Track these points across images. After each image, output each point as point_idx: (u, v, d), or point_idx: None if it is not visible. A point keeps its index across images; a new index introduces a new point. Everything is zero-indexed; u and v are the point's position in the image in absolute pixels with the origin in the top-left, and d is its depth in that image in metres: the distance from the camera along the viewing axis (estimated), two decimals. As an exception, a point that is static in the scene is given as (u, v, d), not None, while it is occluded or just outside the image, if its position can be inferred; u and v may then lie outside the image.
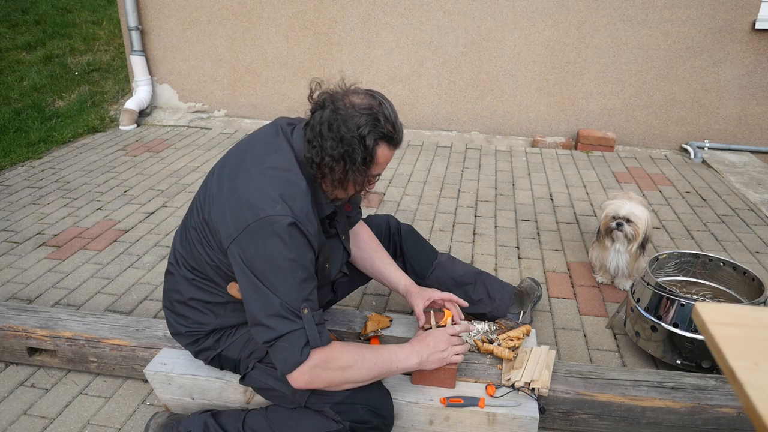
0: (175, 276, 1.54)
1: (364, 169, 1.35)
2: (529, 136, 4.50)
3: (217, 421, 1.54)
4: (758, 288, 1.92)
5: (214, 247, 1.39)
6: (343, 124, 1.30)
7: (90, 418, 1.78)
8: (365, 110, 1.31)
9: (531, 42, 4.22)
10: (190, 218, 1.49)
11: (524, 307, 2.04)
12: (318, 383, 1.33)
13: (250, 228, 1.28)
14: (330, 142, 1.31)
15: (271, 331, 1.27)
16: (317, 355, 1.29)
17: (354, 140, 1.30)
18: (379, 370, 1.40)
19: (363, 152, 1.32)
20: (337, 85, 1.39)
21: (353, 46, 4.48)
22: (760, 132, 4.18)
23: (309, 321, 1.28)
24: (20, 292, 2.44)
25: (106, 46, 6.16)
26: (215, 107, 4.94)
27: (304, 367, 1.28)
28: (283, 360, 1.28)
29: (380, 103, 1.34)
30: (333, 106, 1.33)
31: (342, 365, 1.33)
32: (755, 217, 3.15)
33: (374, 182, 1.46)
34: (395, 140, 1.37)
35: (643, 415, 1.62)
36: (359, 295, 2.38)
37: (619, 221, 2.25)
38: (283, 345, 1.28)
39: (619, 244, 2.30)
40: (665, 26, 4.00)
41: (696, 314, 0.76)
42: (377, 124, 1.31)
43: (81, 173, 3.77)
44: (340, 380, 1.35)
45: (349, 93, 1.36)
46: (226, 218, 1.33)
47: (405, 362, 1.44)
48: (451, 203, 3.33)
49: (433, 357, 1.48)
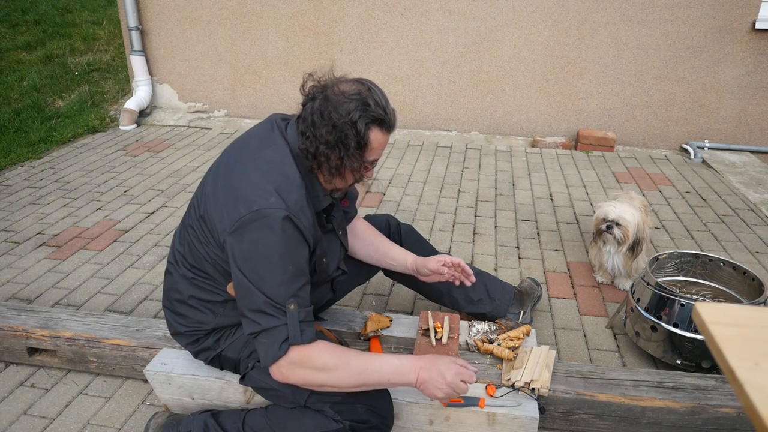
0: (174, 275, 1.55)
1: (359, 154, 1.36)
2: (529, 136, 4.50)
3: (217, 421, 1.54)
4: (758, 288, 1.92)
5: (212, 242, 1.40)
6: (334, 111, 1.31)
7: (90, 418, 1.78)
8: (354, 96, 1.33)
9: (531, 42, 4.22)
10: (188, 216, 1.51)
11: (524, 307, 2.04)
12: (294, 379, 1.33)
13: (244, 220, 1.29)
14: (323, 129, 1.32)
15: (254, 324, 1.30)
16: (296, 352, 1.30)
17: (346, 126, 1.31)
18: (363, 379, 1.35)
19: (356, 137, 1.32)
20: (326, 76, 1.40)
21: (353, 46, 4.48)
22: (760, 132, 4.18)
23: (293, 317, 1.29)
24: (20, 292, 2.44)
25: (106, 46, 6.16)
26: (215, 107, 4.94)
27: (281, 361, 1.29)
28: (263, 353, 1.31)
29: (369, 89, 1.36)
30: (323, 95, 1.34)
31: (319, 366, 1.31)
32: (755, 217, 3.15)
33: (371, 169, 1.46)
34: (387, 123, 1.37)
35: (643, 415, 1.62)
36: (359, 295, 2.38)
37: (609, 224, 2.26)
38: (264, 339, 1.30)
39: (610, 246, 2.31)
40: (665, 26, 4.00)
41: (696, 314, 0.76)
42: (367, 108, 1.32)
43: (81, 173, 3.77)
44: (317, 381, 1.33)
45: (339, 82, 1.37)
46: (221, 212, 1.34)
47: (399, 378, 1.37)
48: (451, 203, 3.33)
49: (428, 386, 1.36)
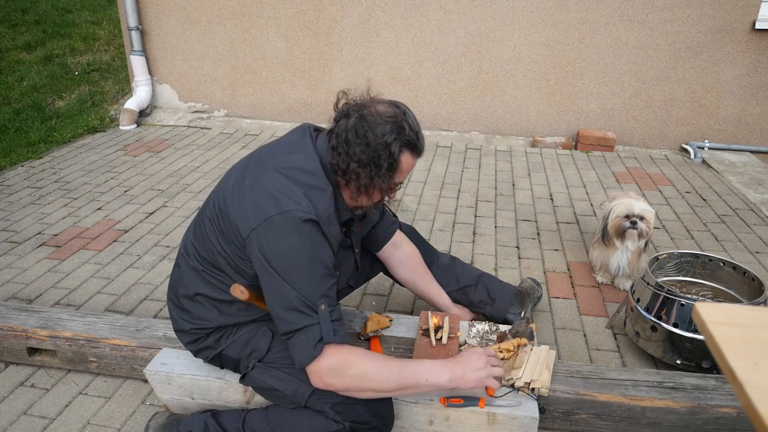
0: (183, 268, 1.55)
1: (389, 175, 1.38)
2: (529, 136, 4.50)
3: (217, 421, 1.54)
4: (758, 288, 1.92)
5: (228, 237, 1.41)
6: (370, 131, 1.34)
7: (90, 418, 1.78)
8: (390, 118, 1.36)
9: (531, 42, 4.22)
10: (206, 209, 1.51)
11: (524, 308, 2.04)
12: (337, 387, 1.35)
13: (272, 220, 1.30)
14: (357, 147, 1.34)
15: (288, 323, 1.31)
16: (333, 356, 1.30)
17: (380, 146, 1.34)
18: (402, 380, 1.36)
19: (388, 159, 1.35)
20: (362, 95, 1.43)
21: (353, 46, 4.48)
22: (760, 132, 4.18)
23: (325, 316, 1.30)
24: (20, 292, 2.44)
25: (106, 46, 6.16)
26: (215, 107, 4.94)
27: (322, 367, 1.30)
28: (299, 353, 1.31)
29: (404, 113, 1.39)
30: (359, 114, 1.36)
31: (361, 372, 1.33)
32: (755, 217, 3.15)
33: (396, 190, 1.49)
34: (418, 149, 1.41)
35: (643, 415, 1.62)
36: (359, 295, 2.38)
37: (634, 219, 2.25)
38: (299, 338, 1.30)
39: (630, 242, 2.29)
40: (665, 26, 4.00)
41: (696, 314, 0.76)
42: (402, 132, 1.36)
43: (81, 173, 3.77)
44: (357, 386, 1.35)
45: (375, 102, 1.40)
46: (246, 208, 1.35)
47: (436, 377, 1.38)
48: (451, 203, 3.33)
49: (470, 375, 1.39)
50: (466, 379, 1.39)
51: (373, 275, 1.99)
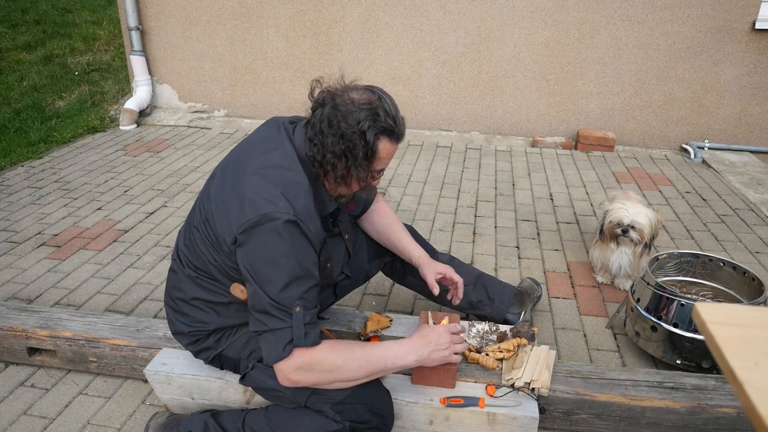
0: (179, 274, 1.54)
1: (366, 164, 1.36)
2: (529, 136, 4.50)
3: (217, 421, 1.54)
4: (758, 288, 1.92)
5: (216, 245, 1.40)
6: (343, 120, 1.31)
7: (90, 418, 1.78)
8: (365, 105, 1.32)
9: (531, 42, 4.22)
10: (193, 217, 1.50)
11: (524, 307, 2.04)
12: (305, 383, 1.35)
13: (251, 224, 1.28)
14: (331, 138, 1.32)
15: (259, 323, 1.32)
16: (301, 356, 1.30)
17: (354, 136, 1.31)
18: (370, 368, 1.38)
19: (364, 147, 1.32)
20: (337, 83, 1.39)
21: (353, 46, 4.48)
22: (760, 132, 4.18)
23: (298, 320, 1.29)
24: (20, 292, 2.44)
25: (106, 46, 6.16)
26: (215, 107, 4.94)
27: (288, 367, 1.30)
28: (267, 351, 1.32)
29: (380, 98, 1.35)
30: (332, 102, 1.34)
31: (329, 367, 1.33)
32: (755, 217, 3.15)
33: (378, 177, 1.46)
34: (396, 134, 1.37)
35: (643, 415, 1.62)
36: (359, 295, 2.38)
37: (624, 228, 2.26)
38: (268, 336, 1.31)
39: (625, 247, 2.30)
40: (665, 26, 4.00)
41: (696, 314, 0.76)
42: (377, 118, 1.32)
43: (81, 173, 3.77)
44: (326, 380, 1.36)
45: (349, 89, 1.37)
46: (228, 215, 1.34)
47: (402, 360, 1.41)
48: (451, 203, 3.33)
49: (435, 355, 1.43)
50: (431, 359, 1.44)
51: (372, 274, 1.98)
